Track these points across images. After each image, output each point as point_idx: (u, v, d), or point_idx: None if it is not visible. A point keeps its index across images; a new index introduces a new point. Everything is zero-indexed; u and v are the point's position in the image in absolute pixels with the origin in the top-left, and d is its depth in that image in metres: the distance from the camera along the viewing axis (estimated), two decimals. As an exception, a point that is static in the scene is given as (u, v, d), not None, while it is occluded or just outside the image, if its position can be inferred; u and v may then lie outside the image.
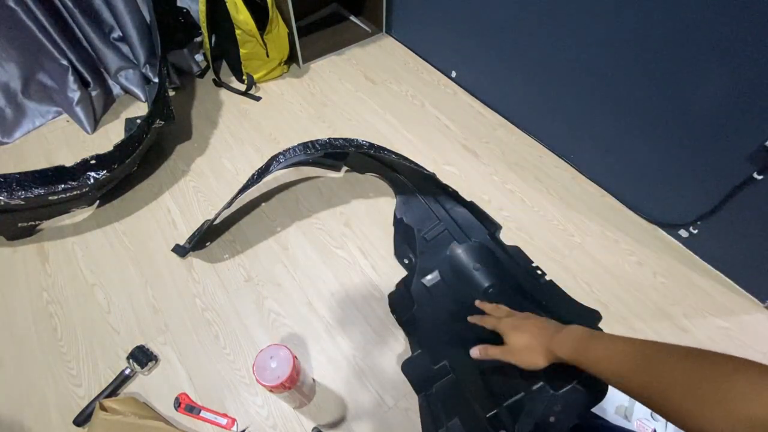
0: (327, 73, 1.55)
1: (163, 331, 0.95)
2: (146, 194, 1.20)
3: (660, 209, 1.08)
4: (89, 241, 1.10)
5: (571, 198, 1.17)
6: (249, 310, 0.97)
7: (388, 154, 1.00)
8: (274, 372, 0.66)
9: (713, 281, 1.02)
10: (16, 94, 1.32)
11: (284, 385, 0.66)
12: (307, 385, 0.80)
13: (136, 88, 1.42)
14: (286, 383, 0.66)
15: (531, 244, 1.07)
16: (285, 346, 0.68)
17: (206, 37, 1.43)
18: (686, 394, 0.37)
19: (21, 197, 0.95)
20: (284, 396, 0.73)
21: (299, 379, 0.71)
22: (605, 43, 0.97)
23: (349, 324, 0.95)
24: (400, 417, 0.83)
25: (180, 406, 0.84)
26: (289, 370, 0.66)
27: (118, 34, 1.38)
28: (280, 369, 0.66)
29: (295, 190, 1.20)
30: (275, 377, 0.65)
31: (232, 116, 1.40)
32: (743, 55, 0.76)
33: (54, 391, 0.87)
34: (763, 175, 0.82)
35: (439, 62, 1.53)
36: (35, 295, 1.01)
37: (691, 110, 0.89)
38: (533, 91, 1.23)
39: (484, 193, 1.18)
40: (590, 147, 1.17)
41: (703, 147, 0.91)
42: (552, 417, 0.65)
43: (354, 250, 1.07)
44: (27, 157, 1.30)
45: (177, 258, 1.06)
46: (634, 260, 1.05)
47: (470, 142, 1.31)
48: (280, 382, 0.65)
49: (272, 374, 0.65)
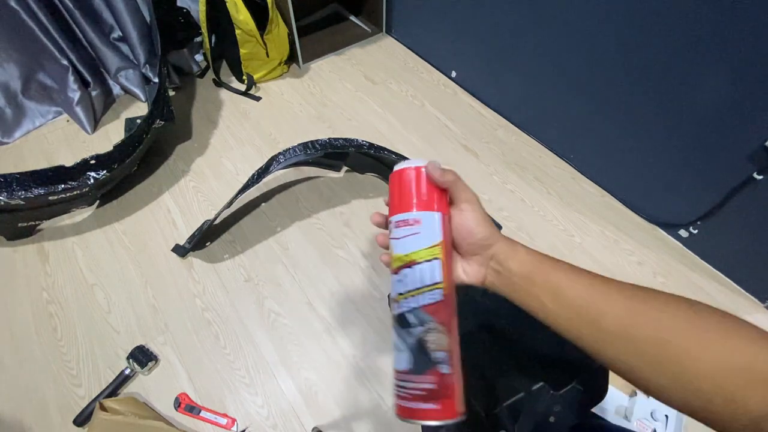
0: (327, 73, 1.55)
1: (163, 331, 0.95)
2: (146, 194, 1.20)
3: (660, 209, 1.08)
4: (89, 241, 1.10)
5: (571, 198, 1.17)
6: (249, 310, 0.97)
7: (388, 154, 1.00)
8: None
9: (713, 281, 1.02)
10: (16, 94, 1.32)
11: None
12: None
13: (136, 88, 1.42)
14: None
15: (531, 244, 1.06)
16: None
17: (206, 37, 1.43)
18: (692, 342, 0.29)
19: (21, 197, 0.95)
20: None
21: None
22: (605, 43, 0.97)
23: (349, 324, 0.95)
24: (400, 417, 0.83)
25: (180, 406, 0.84)
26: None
27: (118, 34, 1.38)
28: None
29: (295, 190, 1.20)
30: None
31: (232, 116, 1.40)
32: (743, 55, 0.76)
33: (54, 391, 0.87)
34: (763, 175, 0.82)
35: (439, 62, 1.53)
36: (35, 295, 1.01)
37: (691, 110, 0.89)
38: (533, 91, 1.23)
39: (484, 193, 1.18)
40: (590, 147, 1.17)
41: (703, 147, 0.91)
42: (552, 417, 0.65)
43: (354, 250, 1.07)
44: (27, 157, 1.30)
45: (177, 258, 1.06)
46: (634, 260, 1.05)
47: (470, 142, 1.31)
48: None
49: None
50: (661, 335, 0.30)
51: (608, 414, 0.81)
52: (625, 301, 0.33)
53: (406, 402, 0.35)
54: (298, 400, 0.85)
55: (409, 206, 0.38)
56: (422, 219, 0.37)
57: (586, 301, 0.33)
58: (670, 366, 0.29)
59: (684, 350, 0.29)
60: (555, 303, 0.34)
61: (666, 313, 0.31)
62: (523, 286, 0.36)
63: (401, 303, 0.37)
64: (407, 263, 0.37)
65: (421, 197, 0.38)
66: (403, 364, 0.36)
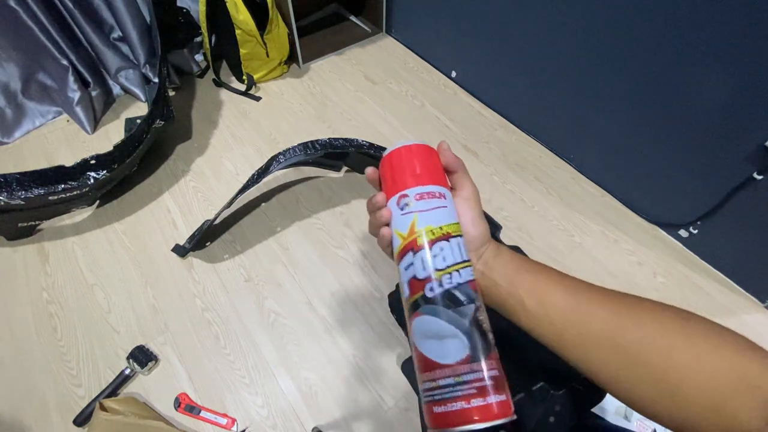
0: (327, 73, 1.55)
1: (163, 331, 0.95)
2: (146, 194, 1.20)
3: (660, 209, 1.08)
4: (89, 241, 1.10)
5: (571, 198, 1.17)
6: (249, 310, 0.97)
7: (388, 154, 1.00)
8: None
9: (713, 281, 1.02)
10: (16, 94, 1.32)
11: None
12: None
13: (136, 88, 1.42)
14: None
15: (531, 244, 1.07)
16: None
17: (206, 37, 1.43)
18: (683, 352, 0.27)
19: (21, 197, 0.95)
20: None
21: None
22: (605, 43, 0.97)
23: (349, 324, 0.95)
24: (400, 417, 0.83)
25: (180, 406, 0.84)
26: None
27: (118, 34, 1.38)
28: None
29: (295, 190, 1.20)
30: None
31: (232, 116, 1.40)
32: (743, 55, 0.76)
33: (54, 391, 0.87)
34: (763, 175, 0.82)
35: (439, 62, 1.53)
36: (35, 295, 1.01)
37: (691, 110, 0.89)
38: (533, 91, 1.23)
39: (484, 193, 1.18)
40: (590, 147, 1.17)
41: (703, 147, 0.91)
42: (552, 417, 0.65)
43: (354, 250, 1.07)
44: (27, 157, 1.30)
45: (177, 258, 1.06)
46: (634, 260, 1.05)
47: (470, 142, 1.31)
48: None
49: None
50: (647, 341, 0.28)
51: (608, 414, 0.81)
52: (612, 305, 0.31)
53: (459, 404, 0.28)
54: (298, 400, 0.85)
55: (434, 179, 0.35)
56: (446, 194, 0.36)
57: (571, 304, 0.32)
58: (656, 374, 0.27)
59: (671, 358, 0.27)
60: (539, 306, 0.32)
61: (654, 319, 0.29)
62: (507, 288, 0.34)
63: (443, 280, 0.32)
64: (443, 236, 0.33)
65: (440, 173, 0.37)
66: (457, 354, 0.29)
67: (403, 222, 0.34)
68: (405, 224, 0.34)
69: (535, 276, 0.34)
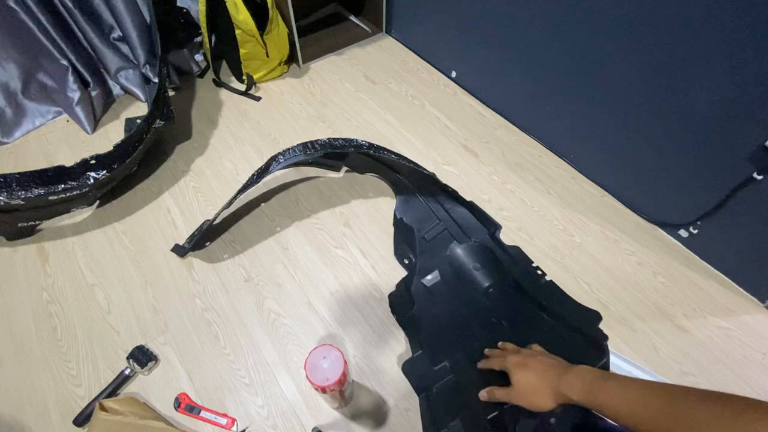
0: (327, 73, 1.55)
1: (163, 331, 0.95)
2: (146, 194, 1.20)
3: (660, 209, 1.08)
4: (89, 241, 1.10)
5: (571, 198, 1.17)
6: (249, 310, 0.97)
7: (388, 154, 1.00)
8: (325, 372, 0.65)
9: (713, 281, 1.02)
10: (16, 94, 1.32)
11: (331, 387, 0.66)
12: (349, 389, 0.79)
13: (136, 88, 1.42)
14: (333, 386, 0.66)
15: (531, 244, 1.07)
16: (337, 348, 0.68)
17: (206, 37, 1.43)
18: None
19: (21, 197, 0.95)
20: (327, 397, 0.73)
21: (347, 381, 0.71)
22: (605, 43, 0.97)
23: (349, 324, 0.95)
24: (400, 417, 0.83)
25: (180, 406, 0.84)
26: (340, 372, 0.65)
27: (118, 34, 1.38)
28: (332, 370, 0.66)
29: (295, 190, 1.20)
30: (325, 378, 0.65)
31: (232, 116, 1.40)
32: (743, 55, 0.76)
33: (54, 391, 0.87)
34: (763, 175, 0.82)
35: (439, 62, 1.53)
36: (35, 295, 1.01)
37: (692, 110, 0.89)
38: (533, 91, 1.23)
39: (484, 193, 1.18)
40: (590, 147, 1.17)
41: (703, 147, 0.91)
42: (552, 417, 0.65)
43: (354, 250, 1.07)
44: (27, 157, 1.30)
45: (177, 258, 1.06)
46: (634, 260, 1.05)
47: (470, 142, 1.31)
48: (330, 383, 0.65)
49: (323, 374, 0.65)
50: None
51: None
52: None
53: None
54: (298, 400, 0.85)
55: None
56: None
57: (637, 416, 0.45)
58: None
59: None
60: (614, 418, 0.47)
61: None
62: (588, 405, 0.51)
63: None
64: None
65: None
66: None
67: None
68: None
69: (602, 398, 0.50)
